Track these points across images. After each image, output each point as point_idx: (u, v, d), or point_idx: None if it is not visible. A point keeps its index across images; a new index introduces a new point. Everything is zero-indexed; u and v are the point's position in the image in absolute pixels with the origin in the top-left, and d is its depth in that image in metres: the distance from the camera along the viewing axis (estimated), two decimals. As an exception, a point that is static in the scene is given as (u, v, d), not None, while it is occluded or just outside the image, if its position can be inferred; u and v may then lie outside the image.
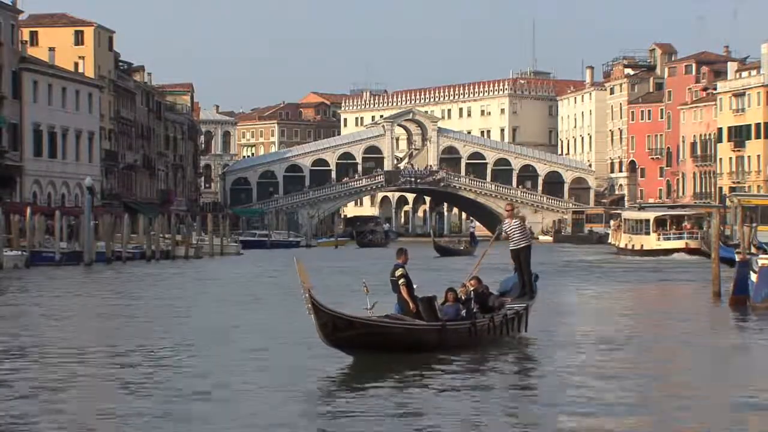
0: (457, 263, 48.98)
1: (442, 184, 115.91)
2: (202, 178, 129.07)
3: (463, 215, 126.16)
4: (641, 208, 76.12)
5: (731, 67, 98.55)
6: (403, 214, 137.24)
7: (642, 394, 13.32)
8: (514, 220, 19.14)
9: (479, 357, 16.07)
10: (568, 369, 15.22)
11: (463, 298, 17.37)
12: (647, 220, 66.64)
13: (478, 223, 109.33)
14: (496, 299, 18.09)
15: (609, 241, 76.22)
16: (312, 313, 14.84)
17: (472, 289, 17.58)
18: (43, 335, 20.25)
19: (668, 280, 38.24)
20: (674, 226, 64.79)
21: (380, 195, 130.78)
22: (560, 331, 20.15)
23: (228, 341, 18.72)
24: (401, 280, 16.32)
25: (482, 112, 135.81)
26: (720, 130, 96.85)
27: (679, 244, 61.18)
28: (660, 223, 65.41)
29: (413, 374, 14.53)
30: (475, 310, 17.27)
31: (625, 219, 71.41)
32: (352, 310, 15.98)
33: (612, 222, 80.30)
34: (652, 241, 63.76)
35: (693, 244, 59.78)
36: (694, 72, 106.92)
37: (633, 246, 65.42)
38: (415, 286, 16.49)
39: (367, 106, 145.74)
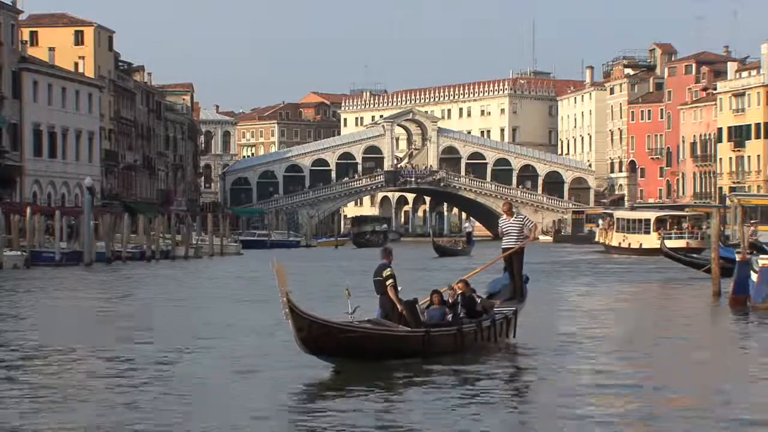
0: (456, 263, 48.91)
1: (442, 184, 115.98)
2: (202, 178, 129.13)
3: (463, 215, 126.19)
4: (633, 209, 78.13)
5: (731, 67, 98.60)
6: (403, 214, 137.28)
7: (638, 399, 12.93)
8: (512, 218, 18.37)
9: (464, 364, 15.25)
10: (559, 376, 14.59)
11: (450, 301, 16.58)
12: (647, 220, 67.87)
13: (477, 223, 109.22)
14: (484, 303, 17.22)
15: (596, 239, 78.08)
16: (289, 318, 14.01)
17: (459, 293, 16.70)
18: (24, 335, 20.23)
19: (667, 280, 38.02)
20: (675, 226, 66.03)
21: (380, 195, 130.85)
22: (552, 335, 19.21)
23: (205, 347, 17.87)
24: (389, 281, 15.52)
25: (482, 112, 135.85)
26: (720, 130, 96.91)
27: (680, 243, 61.81)
28: (660, 222, 66.36)
29: (394, 383, 13.89)
30: (461, 315, 16.47)
31: (617, 218, 72.60)
32: (332, 315, 15.24)
33: (601, 221, 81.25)
34: (652, 240, 64.44)
35: (694, 244, 60.66)
36: (694, 72, 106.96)
37: (629, 244, 66.41)
38: (399, 288, 15.67)
39: (367, 106, 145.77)
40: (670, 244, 62.40)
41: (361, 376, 14.20)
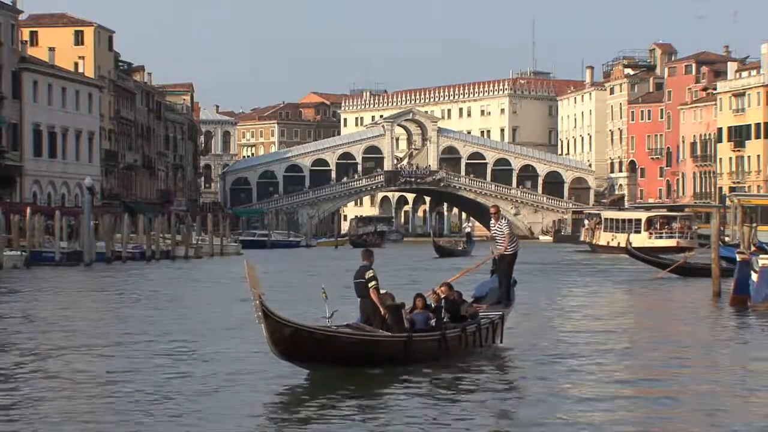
0: (455, 264, 48.83)
1: (442, 184, 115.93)
2: (202, 178, 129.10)
3: (463, 215, 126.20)
4: (620, 209, 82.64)
5: (731, 67, 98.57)
6: (403, 214, 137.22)
7: (636, 408, 12.44)
8: (499, 223, 17.85)
9: (448, 371, 14.63)
10: (549, 383, 13.93)
11: (433, 306, 15.83)
12: (638, 220, 70.73)
13: (477, 224, 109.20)
14: (469, 307, 16.57)
15: (582, 239, 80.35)
16: (261, 322, 13.29)
17: (443, 297, 16.13)
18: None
19: (665, 279, 37.72)
20: (666, 226, 68.97)
21: (380, 195, 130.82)
22: (544, 340, 18.52)
23: (177, 352, 17.22)
24: (372, 283, 14.86)
25: (482, 112, 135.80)
26: (720, 130, 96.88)
27: (671, 243, 63.60)
28: (651, 222, 69.34)
29: (374, 392, 13.22)
30: (445, 320, 15.80)
31: (605, 218, 74.92)
32: (307, 319, 14.69)
33: (587, 222, 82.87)
34: (643, 239, 65.92)
35: (684, 243, 61.80)
36: (694, 72, 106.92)
37: (618, 243, 67.31)
38: (383, 292, 15.09)
39: (367, 106, 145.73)
40: (661, 243, 64.22)
41: (338, 382, 13.54)
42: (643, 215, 72.02)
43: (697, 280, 35.18)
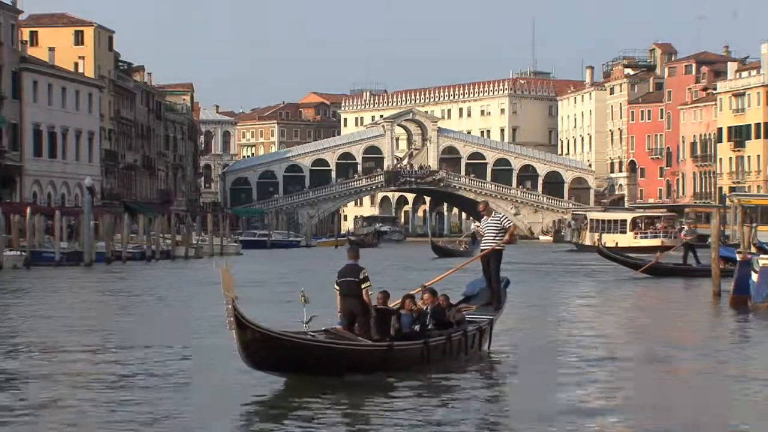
0: (455, 264, 48.74)
1: (442, 184, 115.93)
2: (202, 178, 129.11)
3: (464, 215, 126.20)
4: (606, 210, 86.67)
5: (731, 67, 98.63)
6: (403, 214, 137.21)
7: (635, 409, 12.20)
8: (492, 217, 17.39)
9: (431, 378, 13.91)
10: (539, 390, 13.49)
11: (414, 316, 15.04)
12: (623, 220, 74.01)
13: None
14: (456, 313, 15.80)
15: (568, 239, 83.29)
16: (233, 329, 12.43)
17: (426, 306, 15.36)
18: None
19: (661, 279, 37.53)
20: (650, 227, 72.29)
21: (380, 195, 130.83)
22: (534, 344, 17.89)
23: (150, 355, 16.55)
24: (366, 284, 14.13)
25: (482, 112, 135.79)
26: (720, 130, 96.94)
27: (655, 242, 65.43)
28: (635, 222, 72.92)
29: (353, 400, 12.50)
30: (430, 326, 15.08)
31: (591, 219, 77.76)
32: (284, 325, 14.09)
33: (573, 222, 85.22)
34: (629, 239, 67.65)
35: (668, 243, 62.98)
36: (694, 72, 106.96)
37: (605, 244, 68.30)
38: (371, 293, 14.37)
39: (367, 106, 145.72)
40: (645, 243, 65.71)
41: (316, 390, 12.85)
42: (627, 216, 74.96)
43: (669, 280, 35.53)
